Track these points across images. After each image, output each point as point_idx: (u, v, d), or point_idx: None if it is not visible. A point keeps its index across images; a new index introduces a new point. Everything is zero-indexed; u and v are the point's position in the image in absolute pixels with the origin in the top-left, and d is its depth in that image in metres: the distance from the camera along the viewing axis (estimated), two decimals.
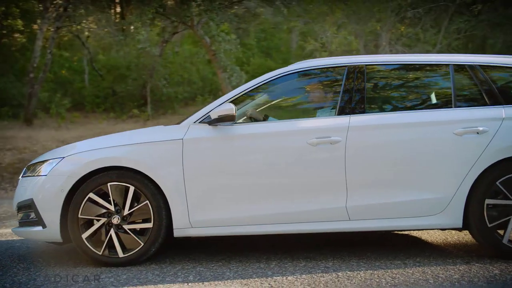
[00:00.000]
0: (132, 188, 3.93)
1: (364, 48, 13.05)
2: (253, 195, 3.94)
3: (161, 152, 3.98)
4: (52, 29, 14.80)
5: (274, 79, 4.23)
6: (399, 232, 4.97)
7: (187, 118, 4.16)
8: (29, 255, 4.55)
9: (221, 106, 3.98)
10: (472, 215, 3.86)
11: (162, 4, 11.73)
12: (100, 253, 3.93)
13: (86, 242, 3.93)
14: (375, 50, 13.04)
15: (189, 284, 3.47)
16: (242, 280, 3.53)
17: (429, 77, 4.35)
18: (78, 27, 17.25)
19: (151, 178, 3.94)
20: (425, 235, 4.85)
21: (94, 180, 3.95)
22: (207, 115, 4.05)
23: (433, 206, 3.88)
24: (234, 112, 3.88)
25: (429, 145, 3.92)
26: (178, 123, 4.19)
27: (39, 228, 4.01)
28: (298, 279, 3.49)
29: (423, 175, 3.90)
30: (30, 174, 4.20)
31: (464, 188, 3.86)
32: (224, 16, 12.71)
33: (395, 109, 4.19)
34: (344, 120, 3.98)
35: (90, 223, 3.97)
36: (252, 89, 4.21)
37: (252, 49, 20.68)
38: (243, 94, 4.18)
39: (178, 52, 19.40)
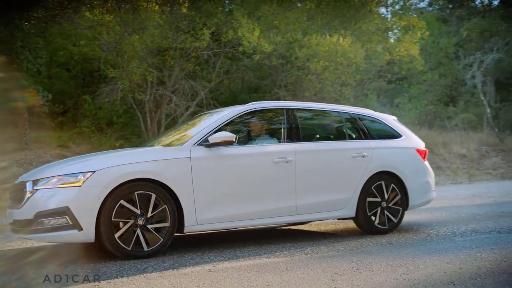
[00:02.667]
0: (153, 196, 4.96)
1: (157, 79, 14.73)
2: (238, 198, 5.44)
3: (176, 167, 5.13)
4: None
5: (241, 114, 5.80)
6: (302, 228, 7.01)
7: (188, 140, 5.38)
8: (29, 256, 4.92)
9: (219, 133, 5.34)
10: (360, 208, 6.18)
11: None
12: (129, 249, 4.83)
13: (118, 241, 4.77)
14: (168, 81, 14.87)
15: (238, 259, 4.77)
16: (272, 254, 5.01)
17: (333, 119, 6.59)
18: None
19: (167, 187, 5.04)
20: (312, 228, 7.00)
21: (125, 190, 4.84)
22: (203, 138, 5.36)
23: (341, 203, 6.06)
24: (234, 139, 5.32)
25: (340, 164, 6.13)
26: (181, 144, 5.36)
27: (74, 231, 4.65)
28: (299, 252, 5.18)
29: (337, 183, 6.07)
30: (47, 187, 4.75)
31: (357, 191, 6.16)
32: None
33: (319, 139, 6.31)
34: (293, 146, 5.83)
35: (118, 224, 4.82)
36: (227, 122, 5.67)
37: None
38: (222, 125, 5.60)
39: None
